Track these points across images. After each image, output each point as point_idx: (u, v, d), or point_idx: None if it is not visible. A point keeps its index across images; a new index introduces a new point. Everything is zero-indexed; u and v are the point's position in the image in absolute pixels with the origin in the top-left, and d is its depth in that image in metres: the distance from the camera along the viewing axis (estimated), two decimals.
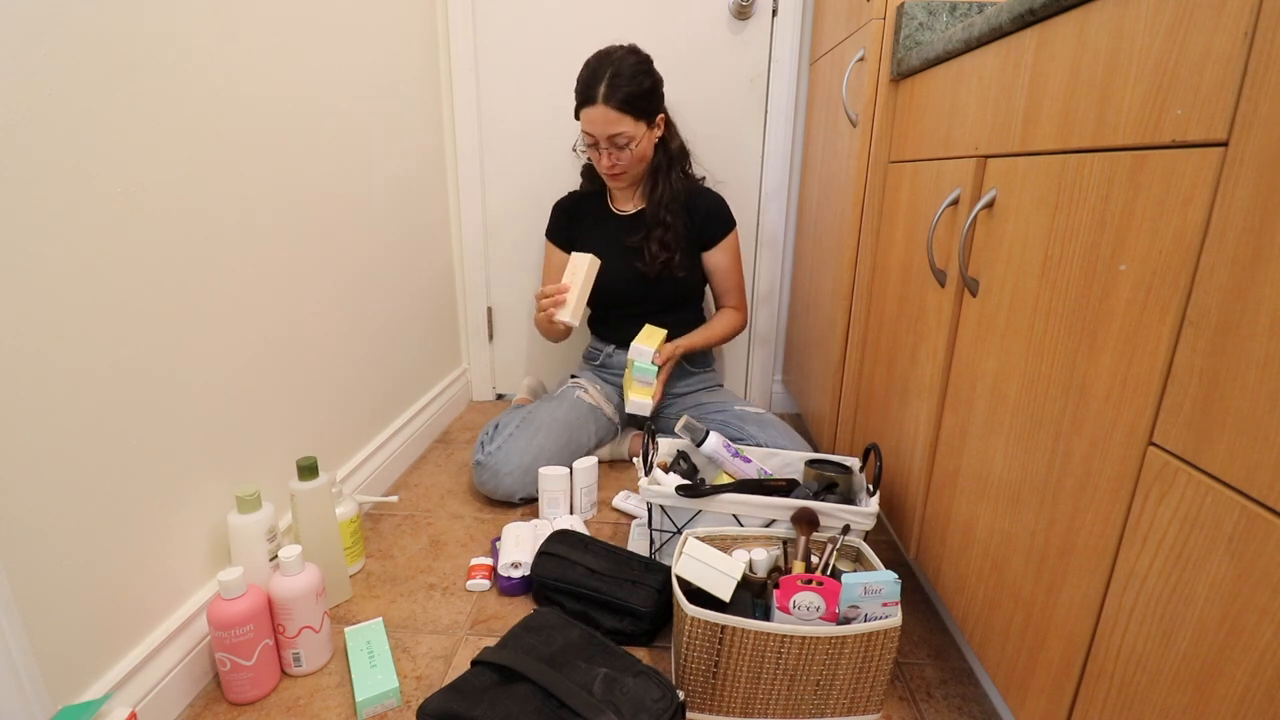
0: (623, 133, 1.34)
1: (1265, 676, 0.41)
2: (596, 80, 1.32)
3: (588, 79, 1.34)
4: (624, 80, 1.31)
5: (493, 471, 1.30)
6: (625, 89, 1.31)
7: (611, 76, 1.31)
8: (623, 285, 1.48)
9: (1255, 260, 0.43)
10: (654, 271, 1.45)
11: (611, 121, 1.33)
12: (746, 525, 1.01)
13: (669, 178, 1.46)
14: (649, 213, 1.47)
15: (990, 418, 0.77)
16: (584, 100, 1.35)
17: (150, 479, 0.78)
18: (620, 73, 1.32)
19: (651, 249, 1.45)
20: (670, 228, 1.45)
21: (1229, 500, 0.44)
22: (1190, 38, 0.48)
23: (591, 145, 1.39)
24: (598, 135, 1.36)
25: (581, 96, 1.35)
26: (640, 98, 1.34)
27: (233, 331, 0.92)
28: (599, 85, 1.31)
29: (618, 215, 1.53)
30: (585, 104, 1.34)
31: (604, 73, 1.32)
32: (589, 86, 1.33)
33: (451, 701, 0.74)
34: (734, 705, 0.82)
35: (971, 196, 0.83)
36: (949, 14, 1.06)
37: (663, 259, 1.44)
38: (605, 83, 1.31)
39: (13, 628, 0.61)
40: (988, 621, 0.77)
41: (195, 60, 0.83)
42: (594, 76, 1.32)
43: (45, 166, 0.64)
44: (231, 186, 0.90)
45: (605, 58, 1.35)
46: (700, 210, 1.49)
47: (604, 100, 1.31)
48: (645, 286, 1.48)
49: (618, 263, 1.46)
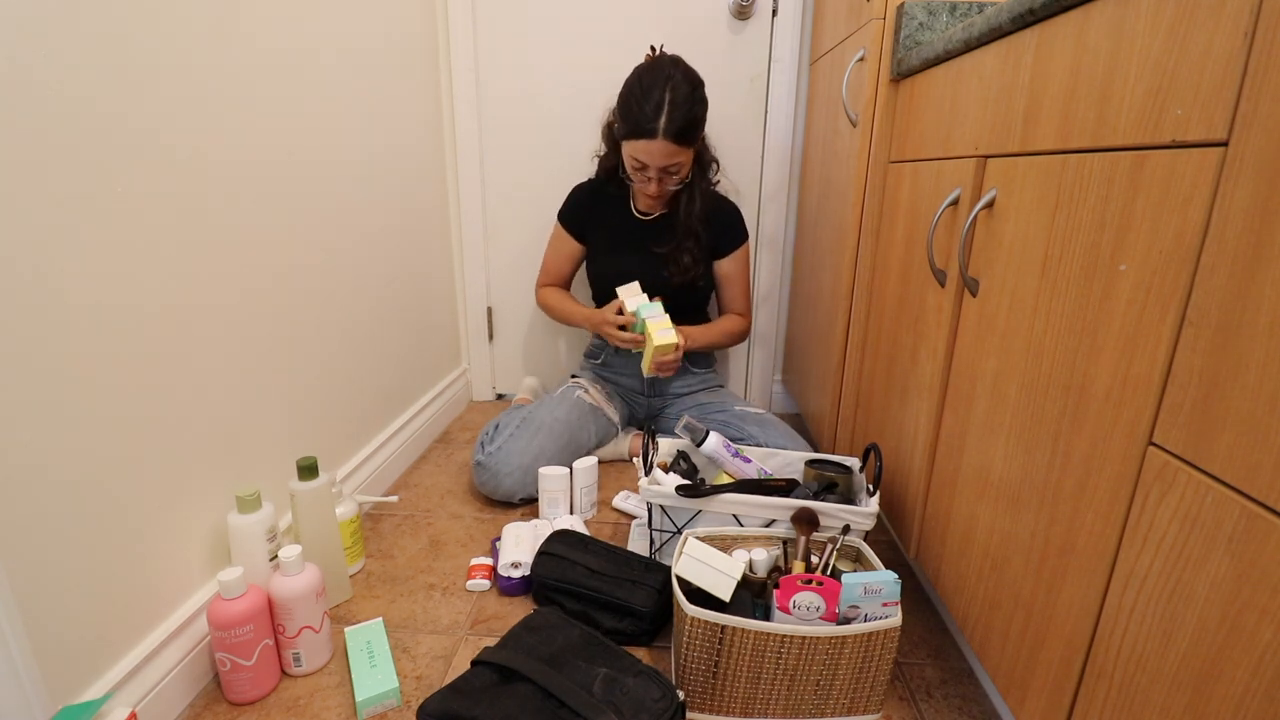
0: (678, 163, 1.33)
1: (1265, 676, 0.41)
2: (656, 111, 1.26)
3: (644, 107, 1.27)
4: (681, 110, 1.27)
5: (492, 472, 1.30)
6: (682, 120, 1.28)
7: (670, 107, 1.26)
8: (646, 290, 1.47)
9: (1255, 260, 0.43)
10: (683, 281, 1.46)
11: (670, 154, 1.30)
12: (746, 525, 1.01)
13: (701, 189, 1.44)
14: (681, 224, 1.45)
15: (990, 418, 0.77)
16: (640, 132, 1.29)
17: (150, 479, 0.78)
18: (677, 101, 1.27)
19: (684, 260, 1.45)
20: (700, 240, 1.46)
21: (1229, 500, 0.44)
22: (1190, 37, 0.48)
23: (639, 169, 1.35)
24: (652, 165, 1.32)
25: (635, 126, 1.29)
26: (696, 127, 1.32)
27: (233, 332, 0.92)
28: (659, 118, 1.26)
29: (639, 218, 1.51)
30: (642, 135, 1.29)
31: (663, 101, 1.26)
32: (646, 118, 1.27)
33: (451, 701, 0.74)
34: (734, 705, 0.82)
35: (971, 196, 0.83)
36: (949, 14, 1.06)
37: (694, 272, 1.46)
38: (665, 115, 1.26)
39: (13, 628, 0.61)
40: (988, 621, 0.77)
41: (195, 61, 0.83)
42: (652, 105, 1.27)
43: (45, 167, 0.64)
44: (232, 187, 0.90)
45: (660, 80, 1.28)
46: (718, 221, 1.49)
47: (664, 134, 1.27)
48: (666, 292, 1.47)
49: (640, 266, 1.46)
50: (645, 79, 1.30)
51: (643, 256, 1.47)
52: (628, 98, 1.32)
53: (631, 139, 1.31)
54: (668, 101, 1.27)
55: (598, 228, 1.54)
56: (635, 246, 1.49)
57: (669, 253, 1.46)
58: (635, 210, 1.52)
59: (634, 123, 1.29)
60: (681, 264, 1.45)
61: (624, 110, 1.32)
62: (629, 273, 1.44)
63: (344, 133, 1.20)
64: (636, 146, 1.31)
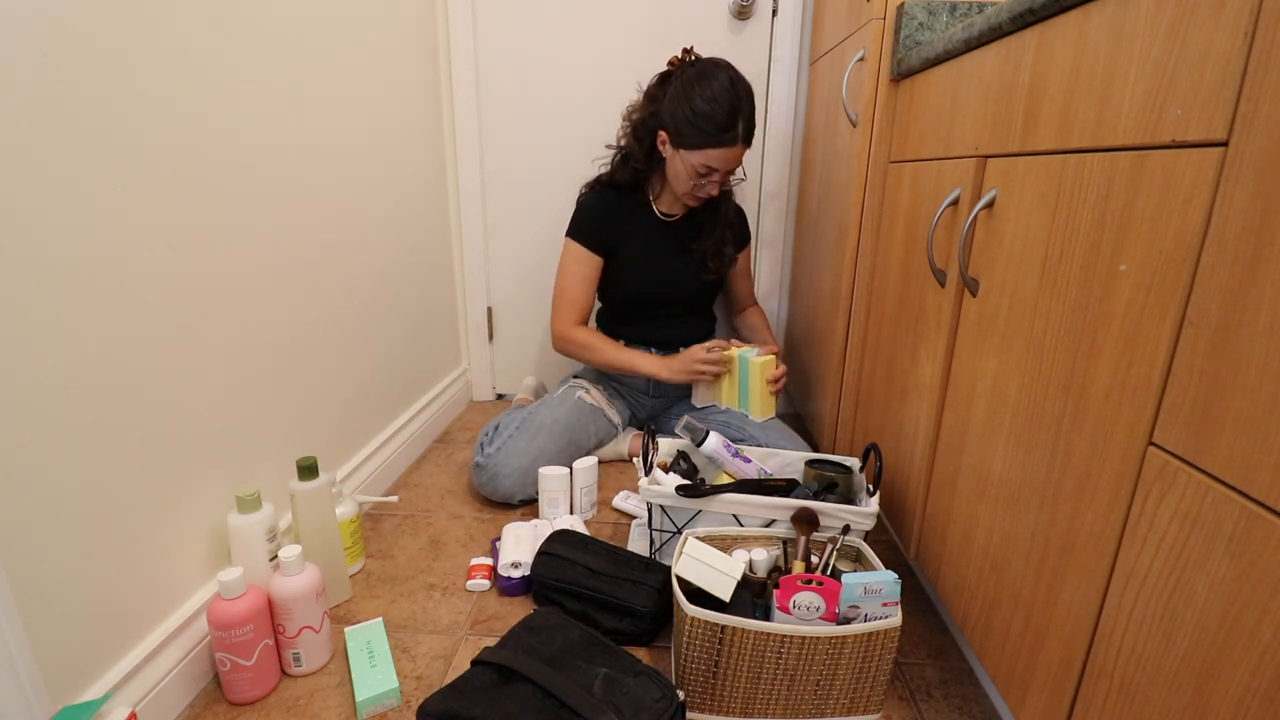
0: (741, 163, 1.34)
1: (1265, 676, 0.41)
2: (735, 118, 1.25)
3: (724, 115, 1.25)
4: (750, 114, 1.28)
5: (491, 474, 1.30)
6: (751, 122, 1.29)
7: (746, 114, 1.26)
8: (679, 290, 1.49)
9: (1255, 260, 0.43)
10: (718, 277, 1.50)
11: (740, 158, 1.31)
12: (746, 525, 1.01)
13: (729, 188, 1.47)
14: (721, 217, 1.46)
15: (990, 418, 0.77)
16: (719, 141, 1.26)
17: (150, 479, 0.78)
18: (747, 107, 1.27)
19: (726, 252, 1.48)
20: (729, 239, 1.49)
21: (1229, 500, 0.44)
22: (1190, 38, 0.48)
23: (704, 175, 1.32)
24: (722, 170, 1.31)
25: (713, 134, 1.26)
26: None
27: (233, 332, 0.92)
28: (737, 125, 1.25)
29: (663, 218, 1.48)
30: (721, 145, 1.26)
31: (738, 108, 1.25)
32: (726, 126, 1.25)
33: (451, 701, 0.74)
34: (734, 705, 0.82)
35: (971, 196, 0.83)
36: (949, 14, 1.06)
37: (731, 265, 1.50)
38: (743, 122, 1.26)
39: (13, 628, 0.61)
40: (988, 621, 0.77)
41: (194, 61, 0.83)
42: (732, 112, 1.25)
43: (43, 164, 0.64)
44: (231, 187, 0.90)
45: (726, 85, 1.25)
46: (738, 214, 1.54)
47: (742, 140, 1.28)
48: (696, 291, 1.49)
49: (669, 266, 1.47)
50: (709, 86, 1.25)
51: (683, 259, 1.47)
52: (694, 106, 1.26)
53: (707, 148, 1.27)
54: (744, 109, 1.26)
55: (625, 239, 1.46)
56: (671, 250, 1.47)
57: (711, 248, 1.46)
58: (658, 210, 1.48)
59: (709, 133, 1.26)
60: (725, 257, 1.47)
61: (693, 120, 1.26)
62: (674, 280, 1.46)
63: (344, 133, 1.20)
64: (711, 155, 1.28)
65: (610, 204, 1.45)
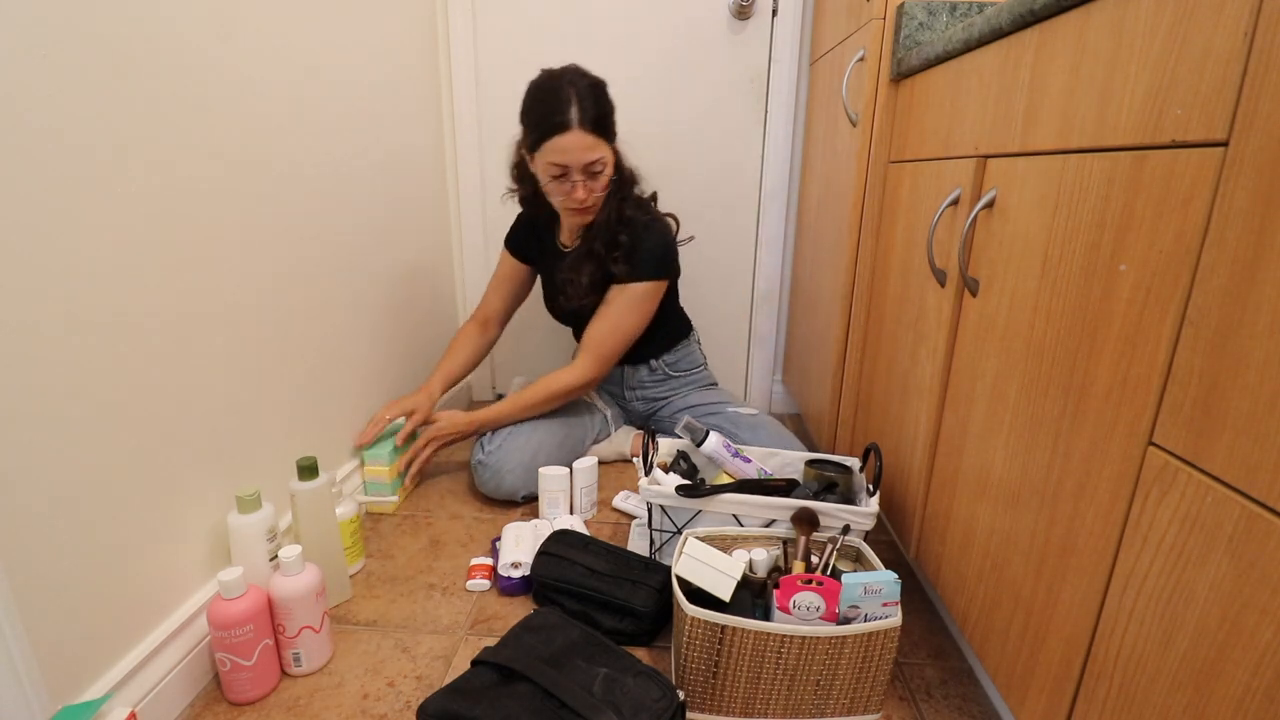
0: (600, 158, 1.21)
1: (1265, 676, 0.41)
2: (564, 103, 1.17)
3: (551, 103, 1.18)
4: (590, 100, 1.19)
5: (494, 470, 1.30)
6: (594, 109, 1.19)
7: (579, 97, 1.17)
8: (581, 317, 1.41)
9: (1255, 260, 0.43)
10: (572, 308, 1.38)
11: (589, 147, 1.19)
12: (746, 525, 1.01)
13: (615, 203, 1.30)
14: (583, 245, 1.34)
15: (990, 418, 0.77)
16: (551, 128, 1.18)
17: (150, 479, 0.78)
18: (582, 92, 1.18)
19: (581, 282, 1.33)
20: (601, 261, 1.31)
21: (1229, 500, 0.44)
22: (1190, 38, 0.48)
23: (558, 178, 1.23)
24: (572, 165, 1.20)
25: (546, 124, 1.19)
26: (608, 118, 1.23)
27: (233, 331, 0.92)
28: (569, 108, 1.17)
29: (561, 250, 1.43)
30: (555, 132, 1.18)
31: (569, 94, 1.17)
32: (555, 111, 1.17)
33: (451, 701, 0.74)
34: (734, 705, 0.82)
35: (971, 196, 0.83)
36: (949, 14, 1.06)
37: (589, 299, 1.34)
38: (575, 104, 1.17)
39: (13, 628, 0.61)
40: (988, 621, 0.77)
41: (193, 62, 0.83)
42: (559, 99, 1.18)
43: (44, 167, 0.64)
44: (231, 187, 0.90)
45: (558, 78, 1.20)
46: (623, 244, 1.31)
47: (579, 124, 1.17)
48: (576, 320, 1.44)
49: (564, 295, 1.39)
50: (546, 84, 1.22)
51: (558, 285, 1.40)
52: (532, 106, 1.23)
53: (546, 140, 1.19)
54: (574, 93, 1.18)
55: (539, 257, 1.49)
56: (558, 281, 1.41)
57: (565, 274, 1.35)
58: (560, 244, 1.43)
59: (543, 124, 1.19)
60: (579, 285, 1.33)
61: (531, 117, 1.23)
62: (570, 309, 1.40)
63: (343, 133, 1.20)
64: (553, 147, 1.19)
65: (536, 222, 1.47)
